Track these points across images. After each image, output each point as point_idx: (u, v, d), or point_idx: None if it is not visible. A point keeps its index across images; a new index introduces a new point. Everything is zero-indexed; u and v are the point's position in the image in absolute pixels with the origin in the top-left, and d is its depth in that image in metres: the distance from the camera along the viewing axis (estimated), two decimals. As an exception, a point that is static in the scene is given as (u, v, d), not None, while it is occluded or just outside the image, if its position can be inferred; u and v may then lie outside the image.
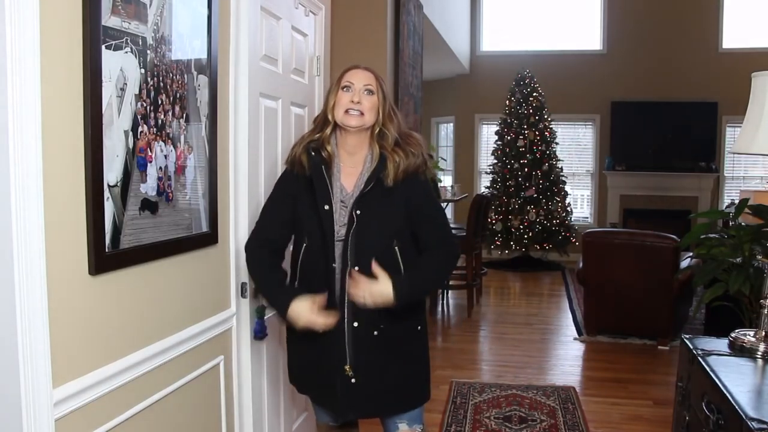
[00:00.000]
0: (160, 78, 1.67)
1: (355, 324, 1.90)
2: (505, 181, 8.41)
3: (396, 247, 1.92)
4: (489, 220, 7.75)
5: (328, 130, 1.94)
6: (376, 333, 1.91)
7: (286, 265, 2.06)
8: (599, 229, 6.26)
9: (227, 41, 2.08)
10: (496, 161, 8.60)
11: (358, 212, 1.88)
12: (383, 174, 1.89)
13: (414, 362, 2.02)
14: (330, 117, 1.92)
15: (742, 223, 2.82)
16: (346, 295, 1.88)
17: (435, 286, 2.05)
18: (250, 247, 2.02)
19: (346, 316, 1.90)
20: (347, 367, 1.91)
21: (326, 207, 1.89)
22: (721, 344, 2.03)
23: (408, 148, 1.93)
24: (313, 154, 1.92)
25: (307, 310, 1.87)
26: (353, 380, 1.92)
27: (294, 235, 2.02)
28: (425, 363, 2.08)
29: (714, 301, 2.90)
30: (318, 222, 1.90)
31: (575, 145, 9.41)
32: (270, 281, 1.98)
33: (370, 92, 1.91)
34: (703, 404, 1.75)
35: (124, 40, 1.51)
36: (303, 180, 1.94)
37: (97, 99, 1.42)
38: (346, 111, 1.89)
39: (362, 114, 1.89)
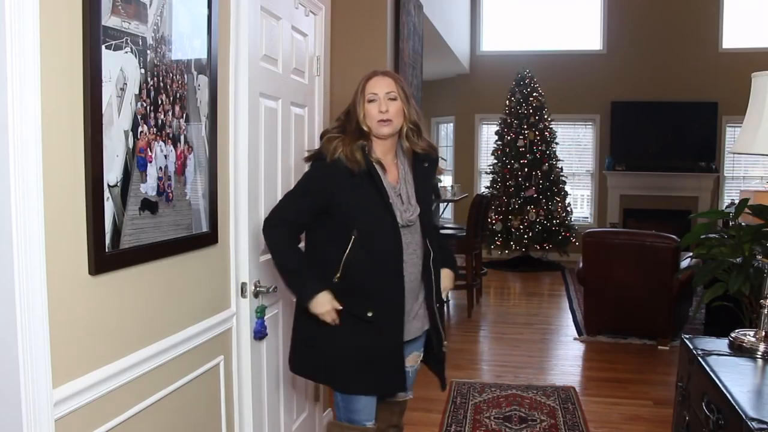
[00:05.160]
0: (160, 78, 1.67)
1: (437, 305, 2.18)
2: (505, 181, 8.41)
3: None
4: (489, 220, 7.75)
5: (372, 139, 2.09)
6: (443, 307, 2.26)
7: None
8: (599, 229, 6.26)
9: (227, 41, 2.08)
10: (496, 161, 8.59)
11: (420, 204, 2.13)
12: (435, 171, 2.22)
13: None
14: (365, 128, 2.07)
15: (742, 223, 2.81)
16: (433, 279, 2.15)
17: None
18: (271, 223, 2.09)
19: (434, 298, 2.16)
20: (446, 343, 2.24)
21: (390, 201, 2.05)
22: (721, 344, 2.03)
23: (431, 145, 2.19)
24: (366, 152, 2.05)
25: (330, 303, 2.04)
26: (444, 350, 2.26)
27: (332, 229, 2.06)
28: None
29: (714, 301, 2.89)
30: (385, 214, 2.03)
31: (575, 145, 9.41)
32: (295, 262, 2.09)
33: (393, 98, 2.07)
34: (703, 404, 1.75)
35: (124, 40, 1.51)
36: (356, 175, 2.02)
37: (97, 99, 1.42)
38: (378, 122, 2.06)
39: (391, 120, 2.07)
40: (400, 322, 2.07)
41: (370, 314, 2.02)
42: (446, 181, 9.30)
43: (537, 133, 8.29)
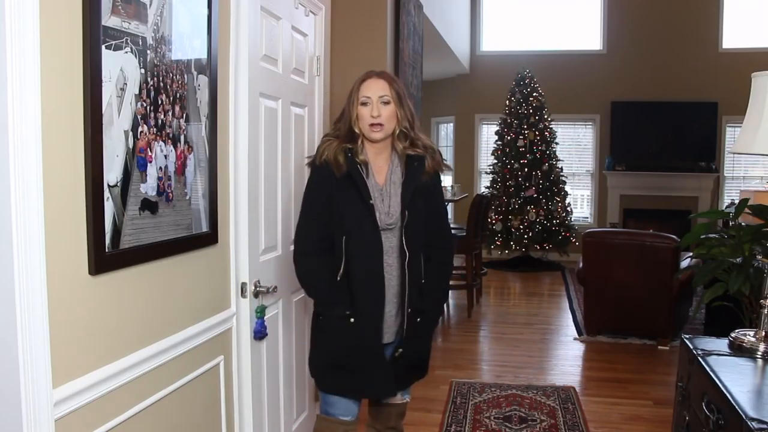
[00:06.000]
0: (160, 78, 1.67)
1: (409, 310, 2.10)
2: (505, 181, 8.41)
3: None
4: (489, 220, 7.75)
5: (360, 142, 2.08)
6: (419, 319, 2.13)
7: None
8: (599, 229, 6.25)
9: (227, 41, 2.08)
10: (496, 161, 8.59)
11: (407, 210, 2.08)
12: (422, 174, 2.11)
13: (429, 338, 2.30)
14: (357, 130, 2.07)
15: (742, 223, 2.81)
16: (407, 284, 2.07)
17: (447, 294, 2.52)
18: (308, 256, 2.08)
19: (406, 302, 2.09)
20: (401, 349, 2.11)
21: (371, 201, 2.04)
22: (721, 344, 2.03)
23: (425, 144, 2.14)
24: (350, 155, 2.05)
25: None
26: (400, 360, 2.13)
27: (333, 231, 2.08)
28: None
29: (714, 301, 2.89)
30: (366, 214, 2.03)
31: (575, 145, 9.41)
32: (331, 291, 2.08)
33: (386, 102, 2.06)
34: (703, 404, 1.75)
35: (124, 40, 1.51)
36: (339, 178, 2.04)
37: (97, 99, 1.42)
38: (369, 126, 2.05)
39: (383, 125, 2.05)
40: (379, 325, 2.06)
41: (352, 320, 2.04)
42: (446, 181, 9.30)
43: (537, 133, 8.29)
